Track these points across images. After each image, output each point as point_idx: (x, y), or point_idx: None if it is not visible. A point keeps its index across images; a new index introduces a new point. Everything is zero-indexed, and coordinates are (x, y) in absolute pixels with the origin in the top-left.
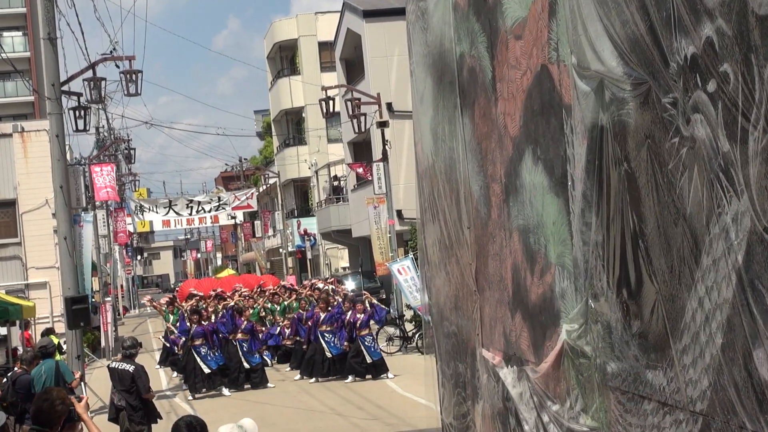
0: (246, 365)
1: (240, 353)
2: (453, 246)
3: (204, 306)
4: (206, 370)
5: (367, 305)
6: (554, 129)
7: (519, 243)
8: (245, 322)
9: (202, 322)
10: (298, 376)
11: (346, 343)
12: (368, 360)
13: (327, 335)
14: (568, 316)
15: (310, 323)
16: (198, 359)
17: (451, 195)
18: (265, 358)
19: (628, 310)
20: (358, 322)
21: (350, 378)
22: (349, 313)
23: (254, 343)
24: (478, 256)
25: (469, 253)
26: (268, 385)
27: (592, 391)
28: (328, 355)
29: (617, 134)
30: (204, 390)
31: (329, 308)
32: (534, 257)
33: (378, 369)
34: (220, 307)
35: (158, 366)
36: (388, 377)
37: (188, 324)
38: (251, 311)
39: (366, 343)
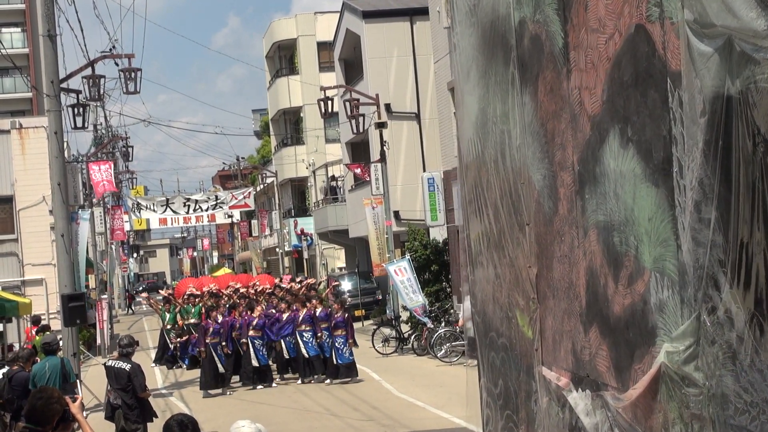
0: (255, 363)
1: (252, 350)
2: (505, 246)
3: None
4: (221, 370)
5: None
6: (653, 103)
7: (598, 243)
8: (256, 319)
9: (218, 319)
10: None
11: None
12: (334, 361)
13: (305, 335)
14: (669, 335)
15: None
16: (215, 356)
17: (504, 186)
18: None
19: (761, 330)
20: (334, 321)
21: (329, 380)
22: (319, 309)
23: (268, 337)
24: (540, 257)
25: (528, 255)
26: (272, 384)
27: (703, 428)
28: (305, 355)
29: (752, 106)
30: (217, 388)
31: (306, 308)
32: (619, 261)
33: (348, 371)
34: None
35: (154, 364)
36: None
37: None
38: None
39: (337, 344)
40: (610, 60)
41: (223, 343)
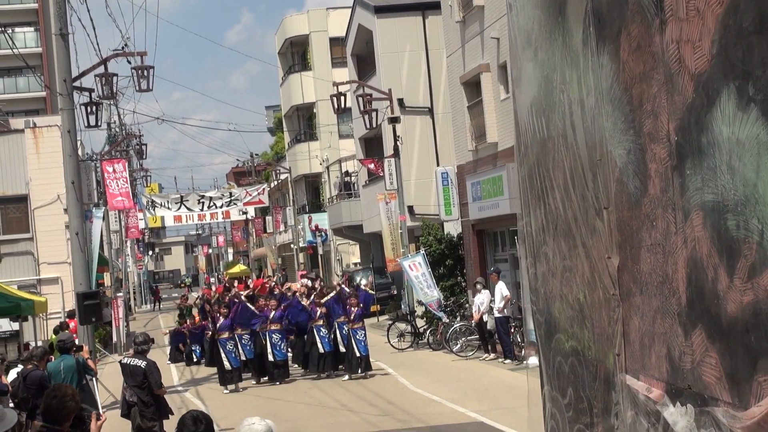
0: (271, 358)
1: (269, 344)
2: (577, 234)
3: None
4: (227, 366)
5: (357, 295)
6: None
7: (704, 228)
8: (273, 312)
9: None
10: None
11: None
12: (357, 354)
13: (322, 330)
14: None
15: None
16: (222, 354)
17: (575, 165)
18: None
19: None
20: (352, 314)
21: (347, 377)
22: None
23: (285, 333)
24: (622, 247)
25: (607, 244)
26: (286, 379)
27: None
28: (321, 350)
29: None
30: (234, 382)
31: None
32: (735, 249)
33: (366, 365)
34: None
35: (169, 362)
36: (367, 376)
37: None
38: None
39: (357, 336)
40: (723, 4)
41: (232, 342)
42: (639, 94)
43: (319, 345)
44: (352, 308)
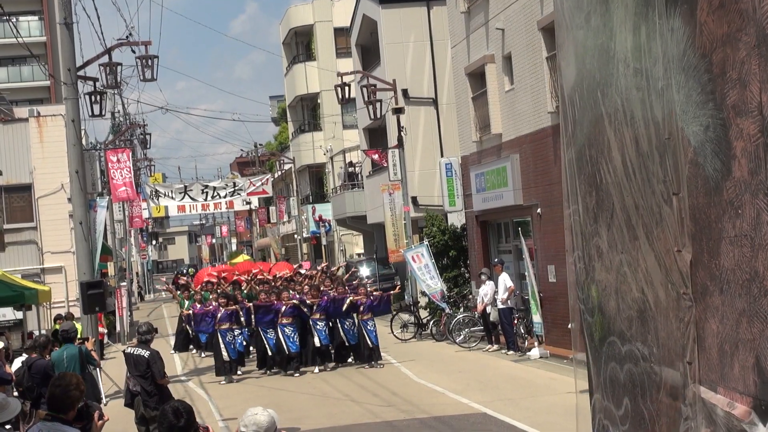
0: (286, 351)
1: (282, 337)
2: (638, 224)
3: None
4: (225, 357)
5: (368, 289)
6: None
7: None
8: (284, 307)
9: (230, 306)
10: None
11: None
12: (369, 344)
13: (319, 323)
14: None
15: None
16: (221, 344)
17: (636, 145)
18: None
19: None
20: (361, 306)
21: (365, 365)
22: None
23: (297, 326)
24: (697, 238)
25: (677, 235)
26: (295, 374)
27: None
28: (317, 344)
29: None
30: (230, 373)
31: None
32: None
33: (377, 354)
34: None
35: (173, 351)
36: (379, 366)
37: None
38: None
39: (368, 327)
40: None
41: (231, 334)
42: (721, 60)
43: (316, 339)
44: (362, 298)
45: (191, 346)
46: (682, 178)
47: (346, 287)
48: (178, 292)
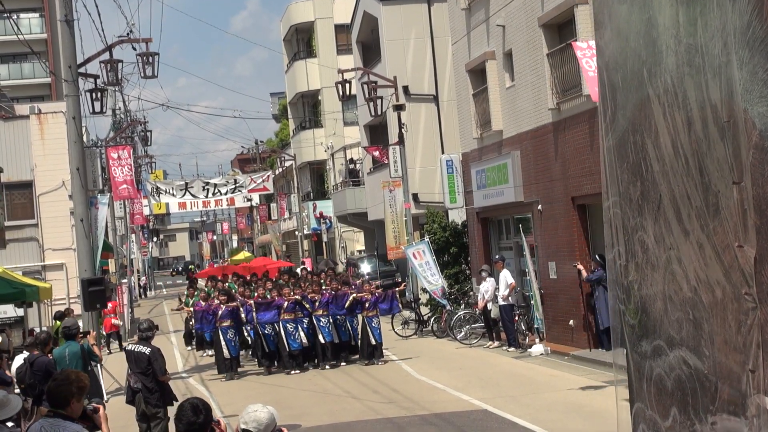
0: (287, 349)
1: (283, 334)
2: (690, 216)
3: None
4: (227, 355)
5: (374, 287)
6: None
7: None
8: (286, 303)
9: (230, 303)
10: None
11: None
12: (372, 342)
13: (322, 320)
14: None
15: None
16: (222, 341)
17: (688, 128)
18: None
19: None
20: (366, 302)
21: (343, 364)
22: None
23: (301, 322)
24: (763, 232)
25: (738, 229)
26: (293, 372)
27: None
28: (321, 340)
29: None
30: (231, 371)
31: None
32: None
33: (380, 351)
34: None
35: (191, 347)
36: (380, 362)
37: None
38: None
39: (372, 324)
40: None
41: (232, 331)
42: None
43: (320, 335)
44: (366, 295)
45: (193, 343)
46: (745, 166)
47: (352, 285)
48: (184, 292)
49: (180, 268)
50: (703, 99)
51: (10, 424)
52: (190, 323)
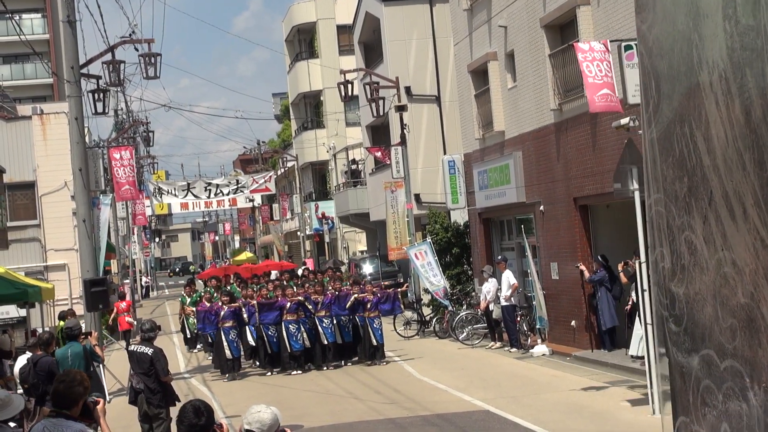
0: (288, 350)
1: (285, 335)
2: (745, 215)
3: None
4: (228, 356)
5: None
6: None
7: None
8: (289, 304)
9: (233, 304)
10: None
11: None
12: (373, 342)
13: (324, 321)
14: None
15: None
16: (224, 342)
17: (744, 118)
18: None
19: None
20: (368, 303)
21: (369, 362)
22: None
23: (304, 322)
24: None
25: None
26: (293, 372)
27: None
28: (324, 342)
29: None
30: (234, 371)
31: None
32: None
33: (382, 353)
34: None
35: (198, 348)
36: (382, 363)
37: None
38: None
39: (374, 325)
40: None
41: (234, 331)
42: None
43: (323, 336)
44: (369, 295)
45: (198, 345)
46: None
47: (355, 286)
48: (184, 293)
49: (178, 269)
50: (762, 86)
51: (12, 424)
52: (192, 324)
